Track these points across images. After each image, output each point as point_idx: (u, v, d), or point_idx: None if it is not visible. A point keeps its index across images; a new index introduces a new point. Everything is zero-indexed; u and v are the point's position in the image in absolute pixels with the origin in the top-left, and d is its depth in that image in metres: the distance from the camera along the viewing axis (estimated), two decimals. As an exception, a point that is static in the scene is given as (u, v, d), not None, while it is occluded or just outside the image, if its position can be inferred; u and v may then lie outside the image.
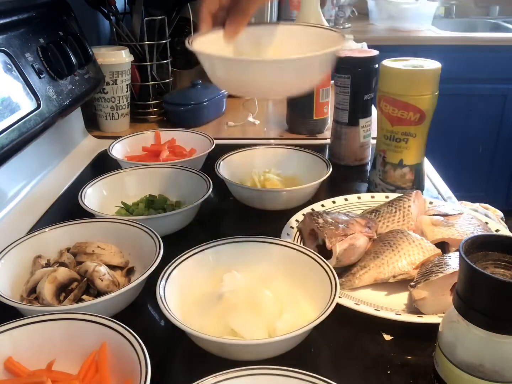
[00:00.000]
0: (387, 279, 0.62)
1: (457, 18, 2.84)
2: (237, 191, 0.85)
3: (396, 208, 0.72)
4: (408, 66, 0.78)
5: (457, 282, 0.42)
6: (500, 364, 0.41)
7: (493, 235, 0.48)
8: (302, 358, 0.53)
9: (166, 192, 0.84)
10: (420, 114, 0.78)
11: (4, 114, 0.75)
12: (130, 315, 0.59)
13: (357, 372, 0.52)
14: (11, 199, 0.85)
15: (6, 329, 0.48)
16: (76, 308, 0.52)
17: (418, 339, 0.55)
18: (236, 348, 0.50)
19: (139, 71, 1.27)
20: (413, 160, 0.83)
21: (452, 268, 0.56)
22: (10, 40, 0.83)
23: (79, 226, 0.68)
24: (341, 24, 2.54)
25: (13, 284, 0.60)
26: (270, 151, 0.93)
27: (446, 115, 2.24)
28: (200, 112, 1.22)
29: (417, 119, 0.79)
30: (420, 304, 0.57)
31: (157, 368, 0.50)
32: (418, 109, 0.78)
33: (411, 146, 0.82)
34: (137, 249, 0.66)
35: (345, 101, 0.96)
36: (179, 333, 0.51)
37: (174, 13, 1.30)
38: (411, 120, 0.79)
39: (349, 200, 0.81)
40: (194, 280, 0.60)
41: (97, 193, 0.80)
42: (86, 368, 0.47)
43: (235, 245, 0.63)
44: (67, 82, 0.96)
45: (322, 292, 0.55)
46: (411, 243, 0.64)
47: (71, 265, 0.63)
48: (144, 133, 1.04)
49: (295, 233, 0.72)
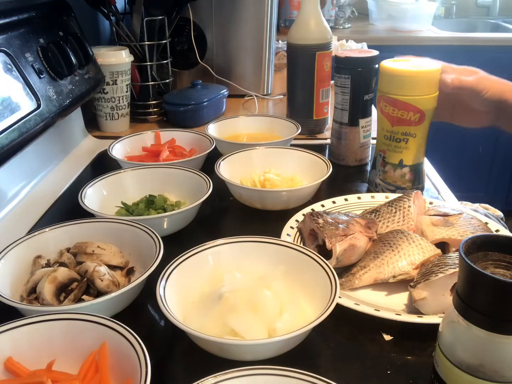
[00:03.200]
0: (387, 279, 0.62)
1: (457, 18, 2.84)
2: (237, 191, 0.85)
3: (396, 208, 0.72)
4: (408, 66, 0.78)
5: (457, 282, 0.42)
6: (500, 364, 0.40)
7: (493, 235, 0.48)
8: (302, 358, 0.53)
9: (166, 192, 0.84)
10: (420, 114, 0.78)
11: (4, 114, 0.75)
12: (130, 315, 0.59)
13: (357, 372, 0.52)
14: (11, 199, 0.85)
15: (6, 329, 0.48)
16: (76, 308, 0.52)
17: (418, 339, 0.55)
18: (236, 348, 0.50)
19: (139, 71, 1.27)
20: (413, 160, 0.83)
21: (452, 268, 0.56)
22: (10, 40, 0.83)
23: (79, 226, 0.68)
24: (341, 24, 2.54)
25: (13, 284, 0.60)
26: (270, 151, 0.93)
27: (446, 115, 2.23)
28: (200, 112, 1.22)
29: (417, 119, 0.79)
30: (420, 304, 0.57)
31: (157, 368, 0.50)
32: (418, 109, 0.78)
33: (411, 146, 0.82)
34: (137, 249, 0.66)
35: (345, 101, 0.96)
36: (179, 333, 0.51)
37: (174, 13, 1.30)
38: (411, 120, 0.79)
39: (349, 200, 0.81)
40: (194, 280, 0.60)
41: (97, 193, 0.80)
42: (86, 368, 0.47)
43: (235, 245, 0.63)
44: (67, 82, 0.96)
45: (322, 292, 0.55)
46: (411, 243, 0.64)
47: (71, 265, 0.63)
48: (144, 133, 1.05)
49: (295, 233, 0.72)
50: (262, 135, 1.09)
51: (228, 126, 1.10)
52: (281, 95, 1.45)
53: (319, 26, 1.05)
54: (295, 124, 1.06)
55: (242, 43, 1.41)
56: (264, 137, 1.08)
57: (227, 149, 0.96)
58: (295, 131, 1.03)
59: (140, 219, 0.70)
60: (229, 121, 1.12)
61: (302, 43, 1.06)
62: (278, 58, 1.73)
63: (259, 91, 1.45)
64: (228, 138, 1.06)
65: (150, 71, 1.27)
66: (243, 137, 1.10)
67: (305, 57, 1.07)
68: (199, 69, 1.44)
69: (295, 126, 1.05)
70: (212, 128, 1.06)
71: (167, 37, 1.29)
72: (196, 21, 1.39)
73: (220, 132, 1.07)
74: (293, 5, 2.35)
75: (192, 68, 1.45)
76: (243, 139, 1.09)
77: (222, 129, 1.08)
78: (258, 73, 1.44)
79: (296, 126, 1.05)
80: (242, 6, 1.36)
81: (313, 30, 1.05)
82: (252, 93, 1.43)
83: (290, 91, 1.15)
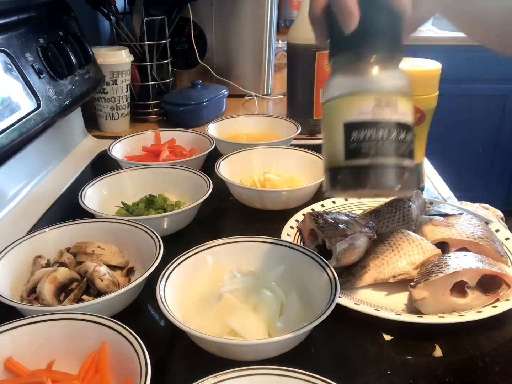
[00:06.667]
0: (387, 279, 0.62)
1: (457, 18, 2.84)
2: (237, 191, 0.85)
3: (396, 208, 0.72)
4: (408, 66, 0.78)
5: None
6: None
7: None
8: (302, 358, 0.53)
9: (166, 192, 0.84)
10: (420, 114, 0.78)
11: (4, 114, 0.75)
12: (130, 315, 0.59)
13: (357, 372, 0.52)
14: (11, 199, 0.85)
15: (6, 329, 0.48)
16: (76, 308, 0.52)
17: (418, 339, 0.55)
18: (236, 348, 0.50)
19: (139, 71, 1.27)
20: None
21: (452, 268, 0.57)
22: (10, 40, 0.83)
23: (79, 226, 0.68)
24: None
25: (13, 284, 0.60)
26: (270, 151, 0.93)
27: (446, 115, 2.23)
28: (200, 112, 1.22)
29: (417, 119, 0.79)
30: (420, 304, 0.57)
31: (157, 368, 0.50)
32: (418, 109, 0.78)
33: (411, 146, 0.81)
34: (137, 249, 0.66)
35: (345, 101, 0.96)
36: (179, 333, 0.51)
37: (174, 13, 1.30)
38: (411, 120, 0.79)
39: (349, 200, 0.81)
40: (194, 280, 0.60)
41: (97, 193, 0.80)
42: (86, 368, 0.47)
43: (235, 245, 0.63)
44: (67, 82, 0.96)
45: (322, 292, 0.55)
46: (411, 243, 0.64)
47: (71, 265, 0.63)
48: (144, 133, 1.05)
49: (295, 233, 0.72)
50: (262, 135, 1.09)
51: (228, 126, 1.10)
52: (281, 95, 1.45)
53: (319, 26, 1.05)
54: (295, 124, 1.06)
55: (242, 43, 1.41)
56: (264, 137, 1.08)
57: (227, 149, 0.96)
58: (295, 131, 1.03)
59: (140, 219, 0.70)
60: (229, 121, 1.12)
61: (302, 43, 1.06)
62: (278, 58, 1.73)
63: (259, 91, 1.45)
64: (228, 138, 1.06)
65: (150, 71, 1.27)
66: (243, 137, 1.10)
67: (305, 57, 1.07)
68: (199, 69, 1.44)
69: (295, 126, 1.05)
70: (212, 128, 1.06)
71: (167, 37, 1.29)
72: (196, 21, 1.39)
73: (220, 132, 1.07)
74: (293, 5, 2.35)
75: (192, 68, 1.45)
76: (243, 139, 1.09)
77: (222, 129, 1.08)
78: (258, 73, 1.44)
79: (296, 126, 1.05)
80: (242, 6, 1.36)
81: (313, 30, 1.05)
82: (252, 93, 1.43)
83: (290, 91, 1.15)
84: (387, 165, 0.43)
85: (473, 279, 0.57)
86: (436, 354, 0.53)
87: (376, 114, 0.43)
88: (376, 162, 0.43)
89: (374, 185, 0.43)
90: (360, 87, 0.44)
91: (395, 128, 0.43)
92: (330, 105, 0.46)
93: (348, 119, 0.44)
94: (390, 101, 0.43)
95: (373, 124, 0.43)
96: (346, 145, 0.44)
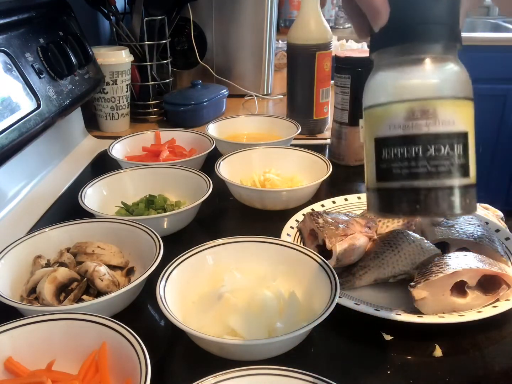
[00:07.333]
0: (387, 279, 0.62)
1: (457, 18, 2.84)
2: (237, 191, 0.85)
3: (396, 208, 0.72)
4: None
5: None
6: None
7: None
8: (302, 358, 0.53)
9: (166, 192, 0.84)
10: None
11: (4, 114, 0.75)
12: (130, 315, 0.59)
13: (357, 372, 0.52)
14: (11, 199, 0.85)
15: (6, 329, 0.48)
16: (76, 308, 0.52)
17: (418, 339, 0.55)
18: (236, 348, 0.50)
19: (139, 71, 1.27)
20: (413, 160, 0.83)
21: (452, 268, 0.56)
22: (10, 40, 0.83)
23: (79, 226, 0.68)
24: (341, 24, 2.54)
25: (13, 284, 0.60)
26: (270, 151, 0.93)
27: (446, 115, 2.23)
28: (200, 112, 1.22)
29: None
30: (420, 304, 0.57)
31: (157, 368, 0.50)
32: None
33: (411, 146, 0.81)
34: (137, 249, 0.66)
35: (345, 101, 0.96)
36: (179, 333, 0.51)
37: (174, 13, 1.30)
38: (411, 120, 0.79)
39: (349, 200, 0.81)
40: (194, 280, 0.60)
41: (97, 193, 0.80)
42: (86, 368, 0.47)
43: (235, 245, 0.63)
44: (67, 82, 0.96)
45: (322, 292, 0.55)
46: (411, 243, 0.64)
47: (71, 265, 0.63)
48: (144, 133, 1.05)
49: (295, 233, 0.72)
50: (262, 135, 1.09)
51: (228, 126, 1.10)
52: (281, 95, 1.45)
53: (319, 26, 1.06)
54: (295, 124, 1.06)
55: (242, 43, 1.41)
56: (264, 137, 1.08)
57: (227, 149, 0.96)
58: (295, 131, 1.03)
59: (140, 219, 0.70)
60: (229, 121, 1.12)
61: (302, 43, 1.06)
62: (278, 58, 1.73)
63: (259, 91, 1.45)
64: (228, 138, 1.06)
65: (150, 71, 1.27)
66: (243, 137, 1.10)
67: (305, 57, 1.07)
68: (199, 69, 1.44)
69: (295, 126, 1.05)
70: (212, 128, 1.06)
71: (167, 37, 1.29)
72: (196, 21, 1.39)
73: (220, 132, 1.07)
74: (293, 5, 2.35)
75: (192, 68, 1.45)
76: (243, 139, 1.09)
77: (222, 129, 1.08)
78: (258, 73, 1.44)
79: (296, 126, 1.05)
80: (242, 6, 1.36)
81: (313, 30, 1.05)
82: (252, 93, 1.43)
83: (290, 91, 1.15)
84: (422, 188, 0.36)
85: (473, 279, 0.57)
86: (436, 354, 0.53)
87: (409, 127, 0.37)
88: (408, 185, 0.37)
89: (406, 212, 0.37)
90: (397, 93, 0.37)
91: (433, 142, 0.36)
92: (366, 114, 0.40)
93: (379, 133, 0.38)
94: (427, 109, 0.36)
95: (405, 139, 0.37)
96: (377, 164, 0.38)
